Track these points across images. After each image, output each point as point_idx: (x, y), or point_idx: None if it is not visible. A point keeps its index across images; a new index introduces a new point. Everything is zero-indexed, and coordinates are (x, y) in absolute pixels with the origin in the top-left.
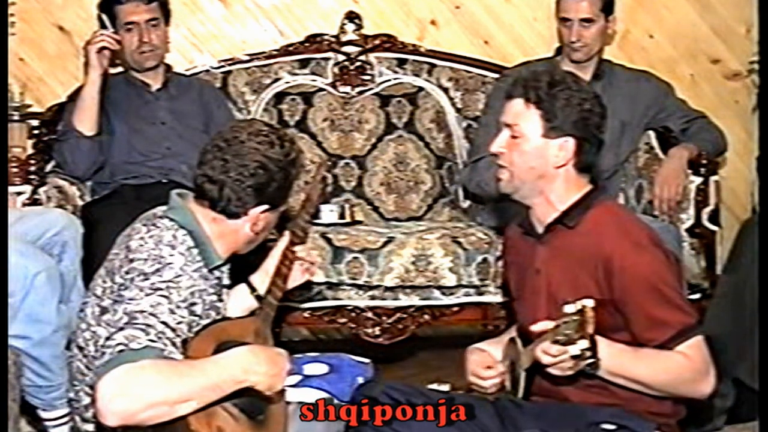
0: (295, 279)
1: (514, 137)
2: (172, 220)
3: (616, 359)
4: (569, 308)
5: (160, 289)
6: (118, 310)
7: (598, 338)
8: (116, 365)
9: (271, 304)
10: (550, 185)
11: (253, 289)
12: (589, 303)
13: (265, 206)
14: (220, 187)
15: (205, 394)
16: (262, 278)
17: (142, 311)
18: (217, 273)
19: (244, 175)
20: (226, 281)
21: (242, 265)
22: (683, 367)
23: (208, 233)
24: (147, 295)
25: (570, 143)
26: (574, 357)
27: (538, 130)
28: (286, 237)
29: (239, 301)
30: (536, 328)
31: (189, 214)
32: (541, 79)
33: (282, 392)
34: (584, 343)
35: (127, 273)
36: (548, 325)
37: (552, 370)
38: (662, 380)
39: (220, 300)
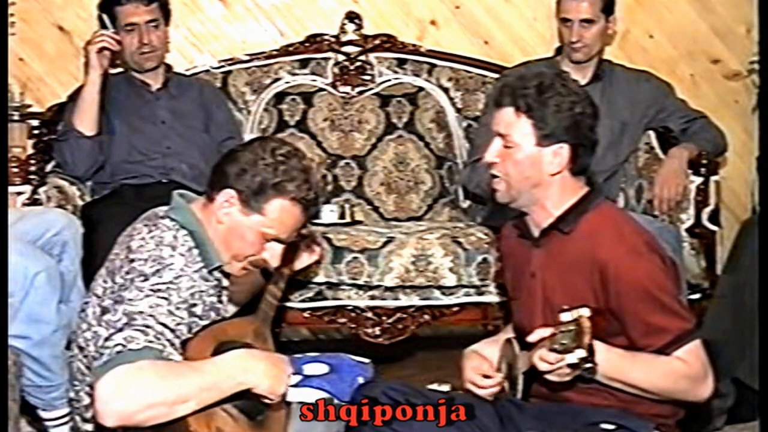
0: (303, 261)
1: (507, 147)
2: (173, 220)
3: (614, 364)
4: (566, 316)
5: (160, 290)
6: (118, 310)
7: (596, 343)
8: (114, 366)
9: (271, 303)
10: (546, 193)
11: None
12: (586, 312)
13: None
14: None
15: (204, 395)
16: None
17: (141, 312)
18: (217, 274)
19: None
20: (225, 283)
21: None
22: (681, 373)
23: (210, 234)
24: (146, 296)
25: (564, 149)
26: (571, 365)
27: (530, 139)
28: None
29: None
30: (533, 338)
31: (190, 214)
32: (530, 86)
33: (283, 397)
34: (581, 353)
35: (127, 273)
36: (545, 333)
37: (550, 377)
38: (660, 385)
39: (220, 301)
